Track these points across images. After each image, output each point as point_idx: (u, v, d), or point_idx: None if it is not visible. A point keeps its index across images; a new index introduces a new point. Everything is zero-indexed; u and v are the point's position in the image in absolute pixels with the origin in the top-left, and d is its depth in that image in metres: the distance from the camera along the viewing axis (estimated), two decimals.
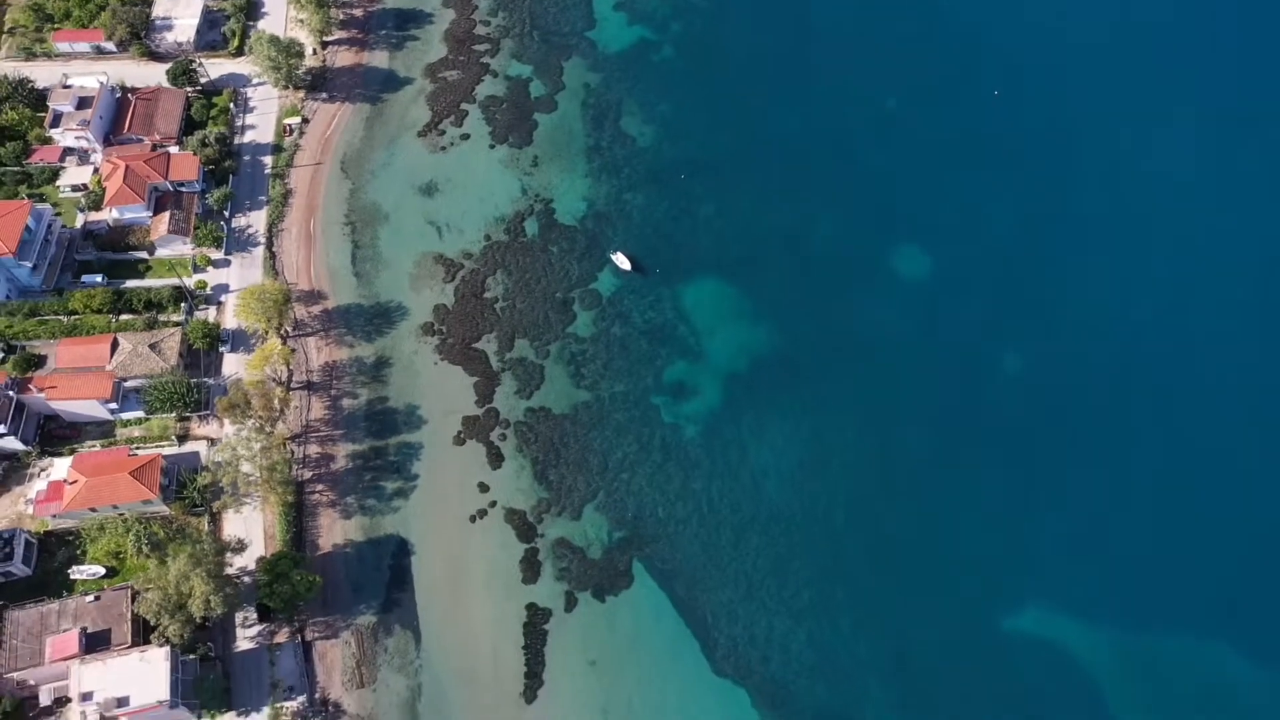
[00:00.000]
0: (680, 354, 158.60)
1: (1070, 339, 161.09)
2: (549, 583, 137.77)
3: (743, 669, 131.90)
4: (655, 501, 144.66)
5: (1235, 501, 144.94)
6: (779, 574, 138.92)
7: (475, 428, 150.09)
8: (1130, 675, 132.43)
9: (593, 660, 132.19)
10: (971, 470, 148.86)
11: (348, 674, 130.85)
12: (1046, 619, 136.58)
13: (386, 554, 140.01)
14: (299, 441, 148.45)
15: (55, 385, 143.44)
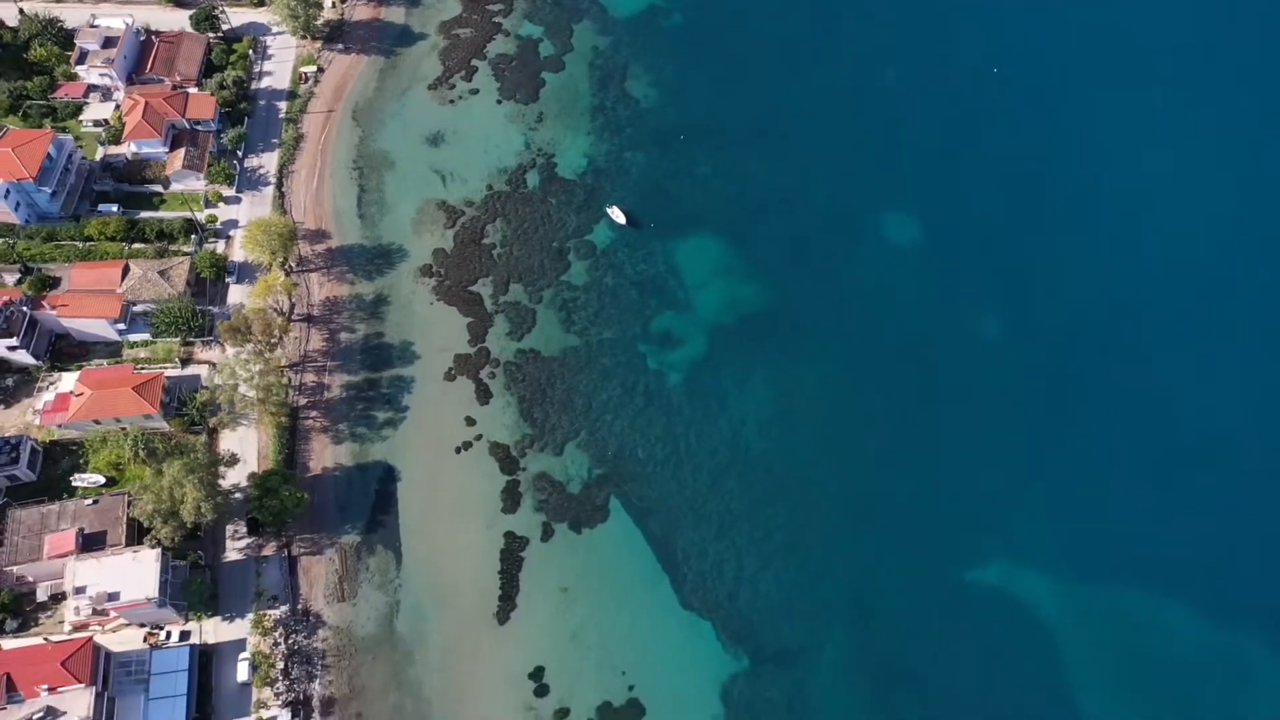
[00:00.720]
0: (669, 305, 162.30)
1: (1047, 307, 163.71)
2: (528, 513, 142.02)
3: (709, 603, 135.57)
4: (635, 443, 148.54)
5: (1198, 466, 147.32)
6: (751, 517, 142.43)
7: (466, 365, 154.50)
8: (1085, 630, 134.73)
9: (565, 587, 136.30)
10: (944, 428, 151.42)
11: (330, 588, 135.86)
12: (1007, 572, 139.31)
13: (374, 479, 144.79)
14: (296, 370, 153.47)
15: (67, 304, 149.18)
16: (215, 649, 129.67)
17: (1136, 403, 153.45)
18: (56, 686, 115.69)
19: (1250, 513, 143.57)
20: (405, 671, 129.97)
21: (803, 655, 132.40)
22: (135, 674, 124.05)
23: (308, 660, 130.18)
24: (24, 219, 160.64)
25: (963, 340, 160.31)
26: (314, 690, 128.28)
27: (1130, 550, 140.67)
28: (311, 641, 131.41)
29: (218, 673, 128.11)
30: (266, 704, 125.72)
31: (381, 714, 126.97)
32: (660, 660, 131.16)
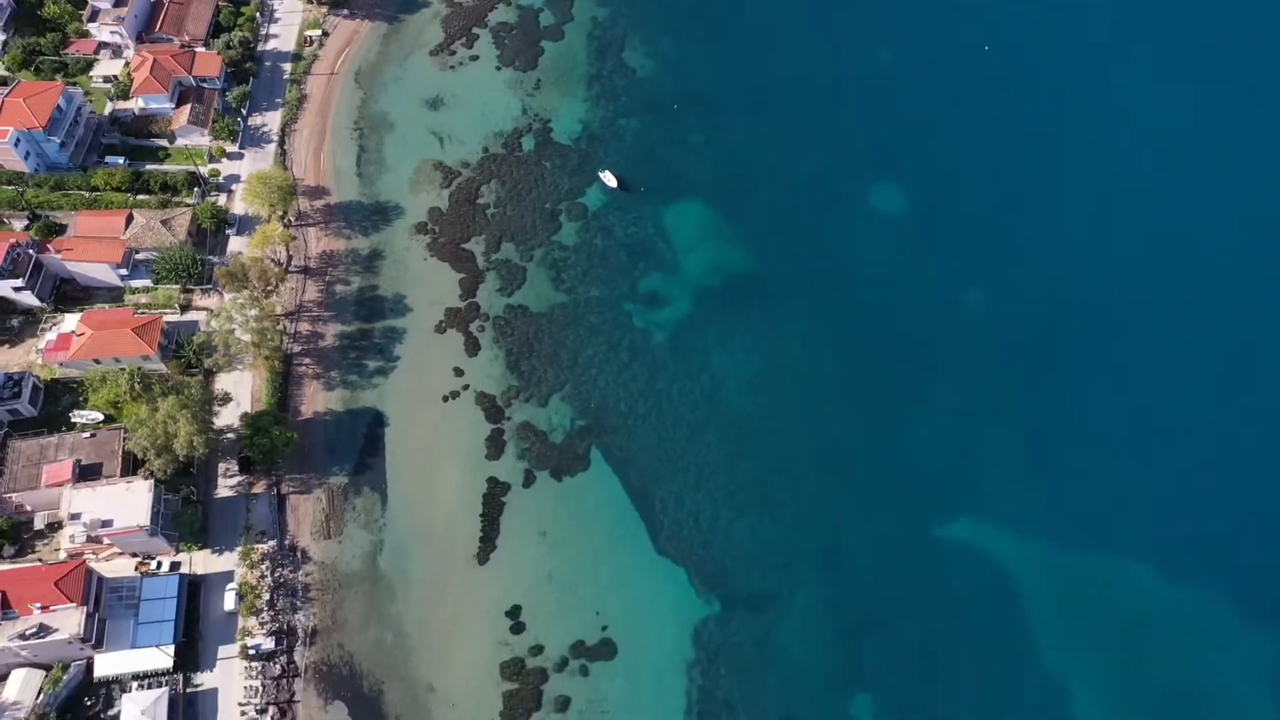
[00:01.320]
0: (656, 267, 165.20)
1: (1026, 279, 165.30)
2: (511, 461, 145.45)
3: (684, 551, 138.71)
4: (618, 397, 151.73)
5: (1165, 434, 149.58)
6: (728, 470, 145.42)
7: (456, 318, 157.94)
8: (1048, 586, 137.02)
9: (544, 532, 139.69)
10: (920, 392, 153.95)
11: (317, 526, 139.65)
12: (975, 529, 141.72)
13: (363, 424, 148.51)
14: (292, 319, 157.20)
15: (72, 248, 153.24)
16: (204, 579, 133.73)
17: (1109, 372, 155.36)
18: (49, 605, 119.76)
19: (1214, 480, 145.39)
20: (386, 606, 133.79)
21: (773, 602, 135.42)
22: (126, 599, 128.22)
23: (293, 593, 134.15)
24: (33, 168, 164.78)
25: (942, 308, 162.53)
26: (298, 621, 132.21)
27: (1096, 512, 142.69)
28: (297, 575, 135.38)
29: (205, 602, 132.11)
30: (251, 632, 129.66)
31: (362, 646, 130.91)
32: (634, 603, 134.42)
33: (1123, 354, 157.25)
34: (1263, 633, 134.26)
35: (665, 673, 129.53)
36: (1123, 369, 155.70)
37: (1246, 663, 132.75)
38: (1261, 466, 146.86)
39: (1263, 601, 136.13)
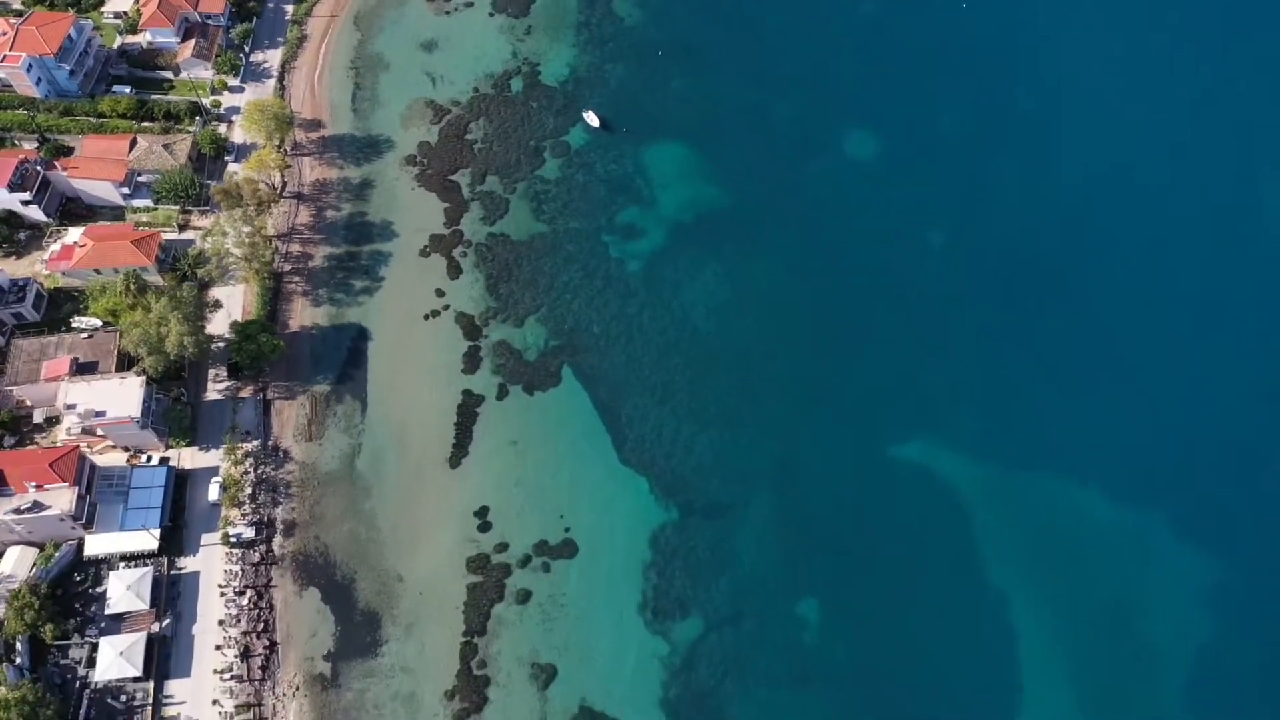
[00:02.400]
0: (634, 202, 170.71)
1: (994, 220, 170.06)
2: (486, 375, 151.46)
3: (646, 461, 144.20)
4: (591, 320, 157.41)
5: (1121, 369, 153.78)
6: (692, 388, 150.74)
7: (440, 244, 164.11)
8: (998, 507, 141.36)
9: (514, 440, 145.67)
10: (885, 323, 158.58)
11: (299, 429, 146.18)
12: (930, 451, 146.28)
13: (347, 338, 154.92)
14: (284, 240, 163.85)
15: (77, 166, 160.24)
16: (190, 473, 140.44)
17: (1063, 308, 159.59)
18: (43, 484, 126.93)
19: (1159, 408, 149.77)
20: (362, 504, 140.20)
21: (729, 511, 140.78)
22: (116, 485, 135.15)
23: (274, 489, 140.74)
24: (44, 93, 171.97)
25: (911, 246, 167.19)
26: (277, 515, 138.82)
27: (1045, 437, 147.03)
28: (279, 473, 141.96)
29: (191, 493, 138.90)
30: (233, 522, 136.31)
31: (338, 539, 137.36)
32: (596, 508, 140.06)
33: (1077, 292, 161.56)
34: (1198, 552, 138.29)
35: (623, 572, 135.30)
36: (1076, 305, 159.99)
37: (1181, 579, 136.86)
38: (1205, 395, 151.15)
39: (1200, 522, 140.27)
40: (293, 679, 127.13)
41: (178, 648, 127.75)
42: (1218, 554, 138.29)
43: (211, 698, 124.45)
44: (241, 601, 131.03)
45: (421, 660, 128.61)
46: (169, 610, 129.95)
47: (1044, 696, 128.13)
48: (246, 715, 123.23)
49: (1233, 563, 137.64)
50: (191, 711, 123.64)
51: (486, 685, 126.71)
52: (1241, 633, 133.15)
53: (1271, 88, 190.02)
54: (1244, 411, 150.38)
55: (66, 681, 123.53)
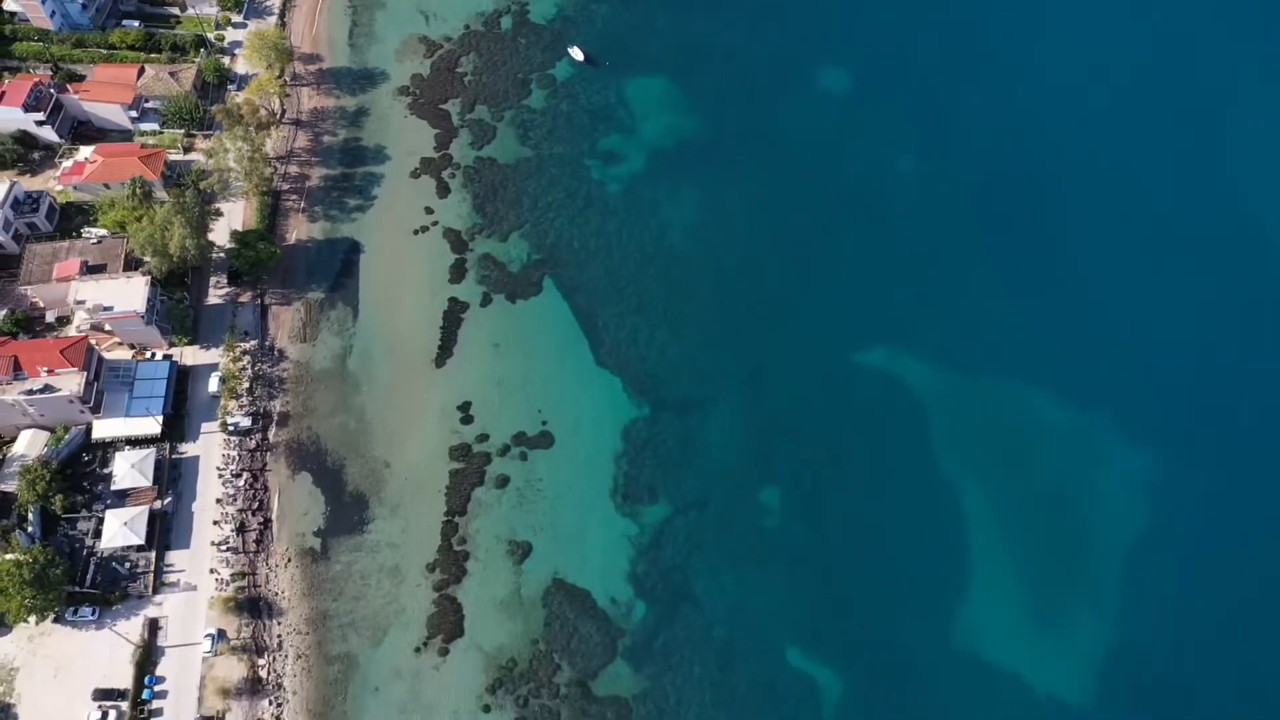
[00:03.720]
0: (616, 130, 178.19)
1: (963, 149, 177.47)
2: (471, 285, 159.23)
3: (621, 363, 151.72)
4: (572, 236, 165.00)
5: (1075, 284, 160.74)
6: (667, 299, 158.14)
7: (430, 166, 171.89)
8: (953, 406, 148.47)
9: (497, 344, 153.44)
10: (852, 241, 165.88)
11: (294, 331, 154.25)
12: (890, 357, 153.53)
13: (340, 250, 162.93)
14: (282, 162, 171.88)
15: (89, 89, 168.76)
16: (192, 369, 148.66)
17: (1022, 226, 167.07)
18: (54, 369, 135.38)
19: (1115, 321, 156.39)
20: (352, 399, 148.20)
21: (699, 408, 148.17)
22: (123, 377, 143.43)
23: (270, 384, 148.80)
24: (57, 26, 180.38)
25: (877, 171, 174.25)
26: (273, 407, 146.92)
27: (1002, 347, 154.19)
28: (274, 370, 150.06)
29: (192, 386, 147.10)
30: (231, 413, 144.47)
31: (328, 429, 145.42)
32: (573, 404, 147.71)
33: (1032, 213, 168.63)
34: (1137, 448, 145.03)
35: (596, 461, 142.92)
36: (1031, 225, 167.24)
37: (1120, 473, 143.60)
38: (1149, 307, 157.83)
39: (1141, 422, 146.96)
40: (285, 552, 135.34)
41: (178, 522, 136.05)
42: (1155, 450, 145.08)
43: (209, 567, 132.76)
44: (238, 483, 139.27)
45: (406, 537, 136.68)
46: (170, 489, 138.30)
47: (989, 575, 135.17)
48: (241, 583, 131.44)
49: (1169, 458, 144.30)
50: (190, 579, 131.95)
51: (466, 559, 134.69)
52: (1175, 521, 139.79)
53: (1228, 12, 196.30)
54: (1185, 321, 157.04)
55: (74, 550, 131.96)
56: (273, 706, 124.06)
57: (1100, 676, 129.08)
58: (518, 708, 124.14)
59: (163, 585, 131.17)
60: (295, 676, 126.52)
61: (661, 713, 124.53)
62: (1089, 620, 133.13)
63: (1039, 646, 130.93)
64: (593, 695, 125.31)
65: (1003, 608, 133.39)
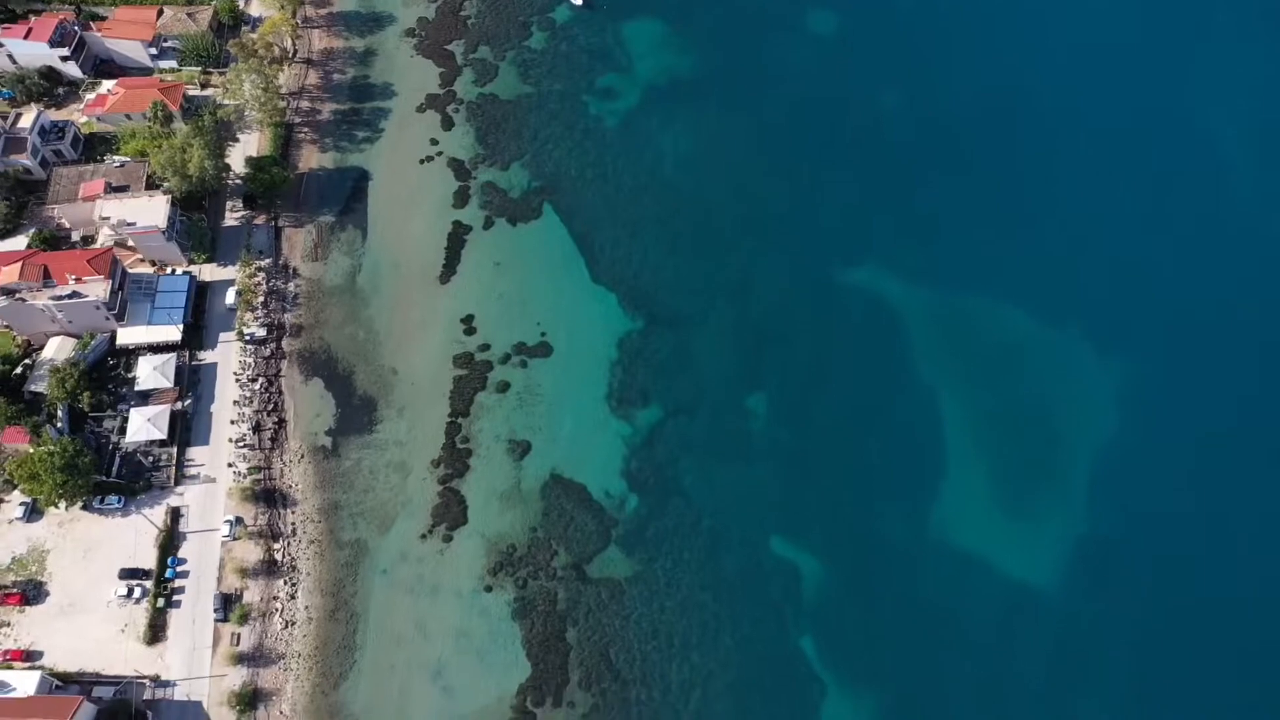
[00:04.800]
0: (613, 69, 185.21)
1: (934, 82, 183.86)
2: (474, 209, 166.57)
3: (616, 280, 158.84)
4: (570, 165, 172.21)
5: (1048, 203, 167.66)
6: (660, 223, 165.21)
7: (435, 101, 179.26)
8: (932, 318, 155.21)
9: (498, 262, 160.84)
10: (835, 169, 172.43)
11: (307, 251, 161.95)
12: (872, 275, 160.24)
13: (350, 178, 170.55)
14: (294, 98, 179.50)
15: (110, 27, 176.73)
16: (210, 284, 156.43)
17: (1000, 157, 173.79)
18: (82, 277, 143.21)
19: (1088, 242, 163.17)
20: (361, 312, 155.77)
21: (689, 321, 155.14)
22: (145, 288, 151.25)
23: (283, 298, 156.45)
24: None
25: (863, 105, 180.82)
26: (286, 319, 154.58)
27: (980, 266, 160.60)
28: (287, 286, 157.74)
29: (210, 301, 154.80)
30: (248, 323, 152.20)
31: (339, 339, 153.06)
32: (570, 317, 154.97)
33: (1012, 142, 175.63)
34: (1107, 360, 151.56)
35: (592, 368, 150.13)
36: (1011, 153, 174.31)
37: (1090, 381, 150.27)
38: (1120, 229, 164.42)
39: (1112, 336, 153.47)
40: (298, 449, 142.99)
41: (197, 421, 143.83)
42: (1123, 359, 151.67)
43: (227, 461, 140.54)
44: (254, 387, 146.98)
45: (412, 436, 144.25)
46: (190, 391, 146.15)
47: (963, 472, 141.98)
48: (257, 476, 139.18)
49: (1136, 367, 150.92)
50: (209, 472, 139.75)
51: (468, 456, 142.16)
52: (1140, 424, 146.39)
53: None
54: (1151, 241, 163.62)
55: (101, 445, 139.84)
56: (287, 586, 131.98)
57: (1067, 564, 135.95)
58: (517, 588, 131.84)
59: (184, 477, 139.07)
60: (308, 559, 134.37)
61: (653, 593, 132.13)
62: (1057, 514, 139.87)
63: (1010, 536, 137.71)
64: (588, 577, 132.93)
65: (975, 501, 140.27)
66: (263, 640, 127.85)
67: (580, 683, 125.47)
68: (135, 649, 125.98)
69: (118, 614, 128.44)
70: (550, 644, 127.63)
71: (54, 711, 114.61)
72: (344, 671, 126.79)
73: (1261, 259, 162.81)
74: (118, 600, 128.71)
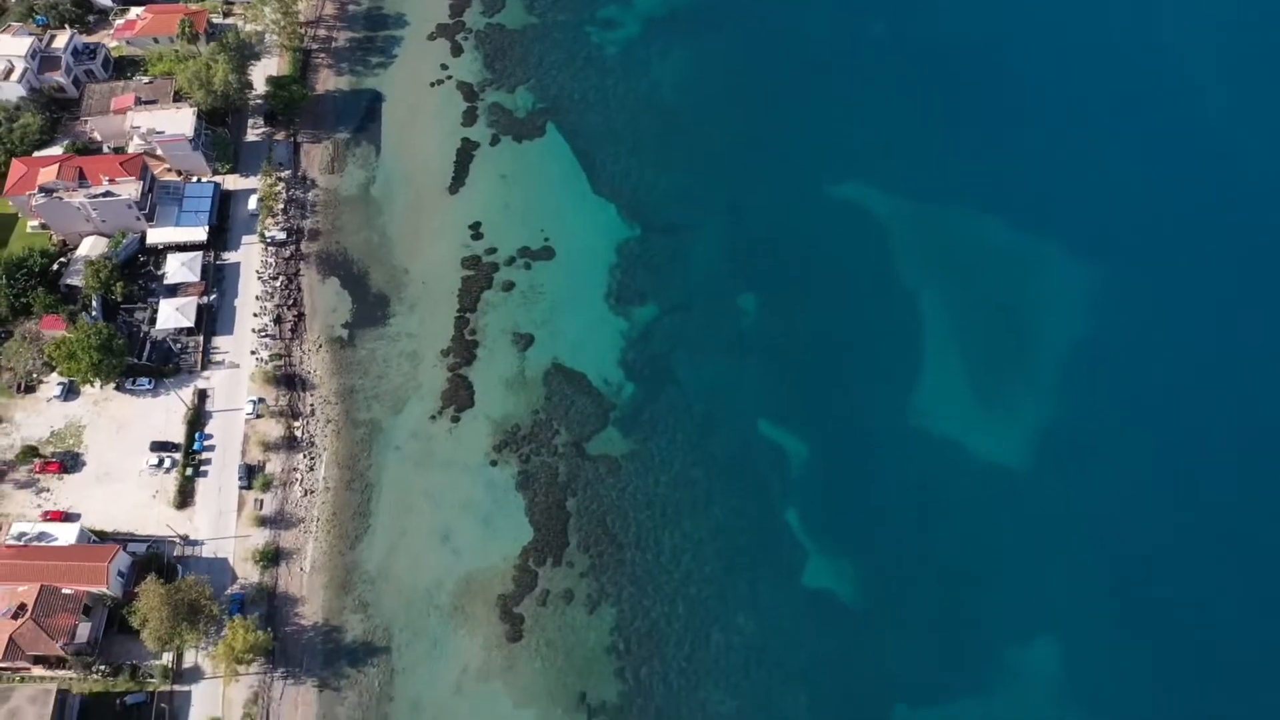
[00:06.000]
0: (614, 1, 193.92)
1: (920, 13, 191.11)
2: (482, 128, 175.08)
3: (616, 192, 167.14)
4: (573, 89, 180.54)
5: (1019, 119, 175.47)
6: (658, 142, 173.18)
7: (446, 30, 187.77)
8: (914, 230, 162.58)
9: (504, 175, 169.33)
10: (823, 92, 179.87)
11: (324, 164, 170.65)
12: (858, 189, 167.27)
13: (364, 99, 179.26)
14: (312, 27, 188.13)
15: None
16: (233, 193, 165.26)
17: (985, 78, 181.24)
18: (115, 178, 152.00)
19: (1062, 156, 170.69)
20: (376, 219, 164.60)
21: (685, 229, 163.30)
22: (173, 194, 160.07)
23: (302, 206, 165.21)
24: None
25: (851, 33, 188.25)
26: (305, 225, 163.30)
27: (959, 180, 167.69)
28: (306, 195, 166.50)
29: (234, 207, 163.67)
30: (269, 227, 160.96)
31: (354, 243, 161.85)
32: (572, 225, 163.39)
33: (991, 64, 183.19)
34: (1080, 263, 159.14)
35: (593, 270, 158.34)
36: (991, 74, 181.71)
37: (1063, 286, 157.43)
38: (1093, 142, 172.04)
39: (1085, 241, 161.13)
40: (316, 339, 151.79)
41: (222, 313, 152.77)
42: (1096, 263, 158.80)
43: (250, 349, 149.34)
44: (275, 284, 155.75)
45: (423, 329, 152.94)
46: (215, 287, 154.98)
47: (940, 364, 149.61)
48: (279, 362, 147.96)
49: (1108, 270, 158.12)
50: (234, 359, 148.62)
51: (475, 347, 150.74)
52: (1113, 324, 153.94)
53: None
54: (1125, 151, 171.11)
55: (132, 333, 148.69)
56: (306, 459, 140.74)
57: (1038, 447, 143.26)
58: (520, 463, 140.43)
59: (210, 363, 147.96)
60: (326, 436, 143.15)
61: (647, 469, 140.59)
62: (1030, 402, 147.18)
63: (983, 422, 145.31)
64: (586, 454, 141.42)
65: (953, 390, 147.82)
66: (284, 506, 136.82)
67: (579, 546, 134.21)
68: (165, 513, 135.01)
69: (149, 482, 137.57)
70: (551, 512, 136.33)
71: (94, 557, 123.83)
72: (359, 535, 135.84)
73: (1229, 167, 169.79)
74: (149, 470, 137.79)
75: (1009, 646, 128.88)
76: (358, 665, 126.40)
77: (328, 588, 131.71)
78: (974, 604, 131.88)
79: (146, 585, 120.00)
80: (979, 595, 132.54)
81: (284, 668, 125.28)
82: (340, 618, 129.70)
